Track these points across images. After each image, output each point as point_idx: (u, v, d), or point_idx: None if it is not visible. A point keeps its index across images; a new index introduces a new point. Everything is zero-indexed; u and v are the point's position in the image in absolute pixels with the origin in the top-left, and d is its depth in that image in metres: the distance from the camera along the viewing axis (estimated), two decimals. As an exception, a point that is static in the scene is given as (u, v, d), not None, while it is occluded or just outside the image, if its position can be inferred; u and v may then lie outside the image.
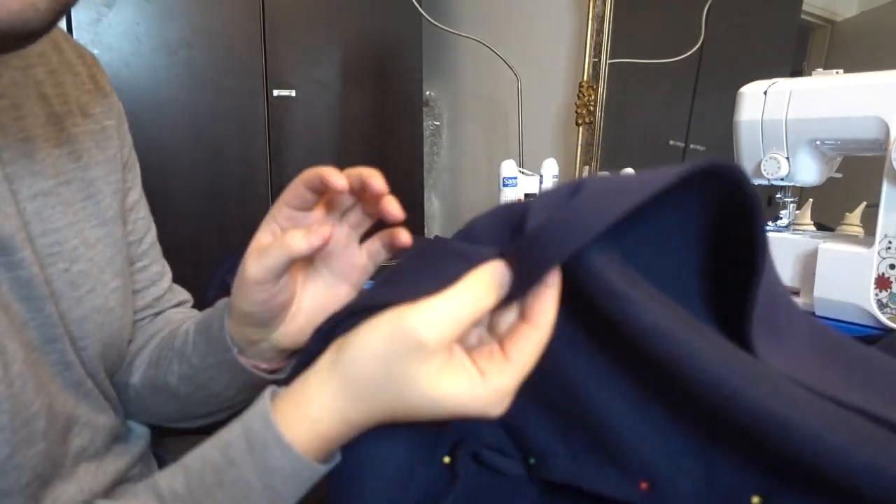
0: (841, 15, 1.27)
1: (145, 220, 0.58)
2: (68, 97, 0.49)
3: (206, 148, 1.43)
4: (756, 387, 0.25)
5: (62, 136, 0.48)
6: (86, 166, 0.49)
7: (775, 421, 0.24)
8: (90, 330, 0.47)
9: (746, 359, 0.26)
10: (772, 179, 0.74)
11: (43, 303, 0.43)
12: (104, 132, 0.52)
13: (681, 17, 1.46)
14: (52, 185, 0.45)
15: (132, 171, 0.57)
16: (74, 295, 0.46)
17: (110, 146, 0.52)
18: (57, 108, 0.48)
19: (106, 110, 0.53)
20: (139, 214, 0.57)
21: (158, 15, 1.33)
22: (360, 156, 1.69)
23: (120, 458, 0.51)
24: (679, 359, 0.26)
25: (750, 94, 0.74)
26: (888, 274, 0.61)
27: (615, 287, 0.28)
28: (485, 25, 1.84)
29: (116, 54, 1.29)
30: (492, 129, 1.92)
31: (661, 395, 0.30)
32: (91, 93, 0.52)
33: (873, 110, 0.63)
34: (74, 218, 0.47)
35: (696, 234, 0.31)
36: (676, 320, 0.27)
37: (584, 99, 1.55)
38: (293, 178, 0.43)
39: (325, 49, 1.60)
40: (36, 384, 0.40)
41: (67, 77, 0.50)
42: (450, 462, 0.35)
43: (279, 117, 1.52)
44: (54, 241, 0.45)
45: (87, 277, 0.47)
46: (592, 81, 1.54)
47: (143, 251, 0.57)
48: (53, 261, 0.44)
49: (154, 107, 1.35)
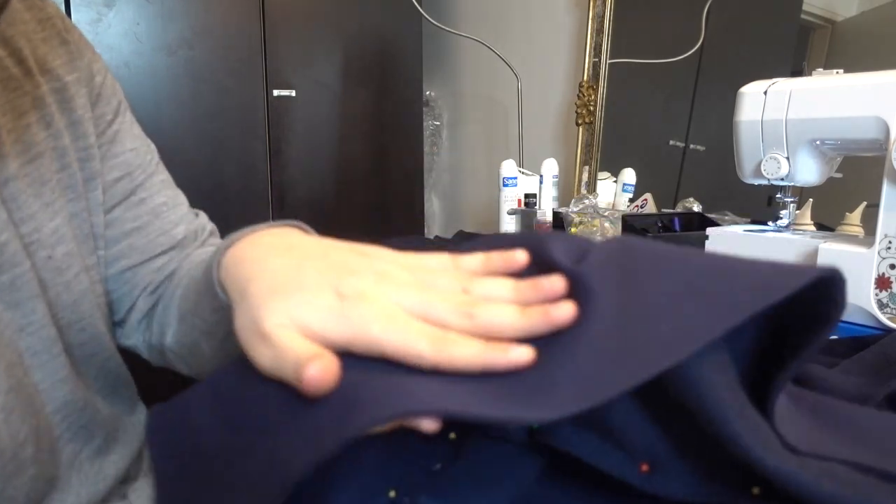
0: (841, 15, 1.27)
1: (136, 152, 0.52)
2: (22, 53, 0.43)
3: (206, 148, 1.43)
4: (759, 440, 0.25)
5: (26, 101, 0.42)
6: (58, 132, 0.44)
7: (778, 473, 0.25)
8: (86, 310, 0.45)
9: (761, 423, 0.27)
10: (772, 179, 0.74)
11: (35, 303, 0.40)
12: (66, 90, 0.46)
13: (681, 17, 1.46)
14: (19, 164, 0.41)
15: (111, 102, 0.50)
16: (62, 280, 0.43)
17: (76, 107, 0.46)
18: (12, 70, 0.42)
19: (65, 62, 0.47)
20: (124, 146, 0.51)
21: (158, 15, 1.33)
22: (360, 156, 1.69)
23: (119, 458, 0.49)
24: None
25: (750, 94, 0.74)
26: (888, 274, 0.61)
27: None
28: (485, 25, 1.84)
29: (116, 54, 1.29)
30: (492, 129, 1.92)
31: (676, 418, 0.30)
32: (47, 41, 0.45)
33: (873, 110, 0.63)
34: (51, 196, 0.43)
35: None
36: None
37: (584, 99, 1.55)
38: (293, 179, 0.43)
39: (325, 49, 1.60)
40: (21, 409, 0.38)
41: (17, 28, 0.44)
42: (456, 437, 0.34)
43: (279, 117, 1.52)
44: (32, 228, 0.41)
45: (73, 259, 0.44)
46: (592, 81, 1.54)
47: (138, 184, 0.51)
48: (34, 250, 0.41)
49: (154, 107, 1.35)
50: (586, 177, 1.56)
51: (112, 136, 0.50)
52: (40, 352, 0.42)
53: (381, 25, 1.69)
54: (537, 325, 0.28)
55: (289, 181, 1.54)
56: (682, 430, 0.29)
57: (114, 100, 0.51)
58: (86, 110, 0.47)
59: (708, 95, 1.46)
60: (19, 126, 0.41)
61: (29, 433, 0.38)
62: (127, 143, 0.52)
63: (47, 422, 0.42)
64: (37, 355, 0.41)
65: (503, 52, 1.60)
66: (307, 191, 1.58)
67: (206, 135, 1.42)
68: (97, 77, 0.50)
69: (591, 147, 1.56)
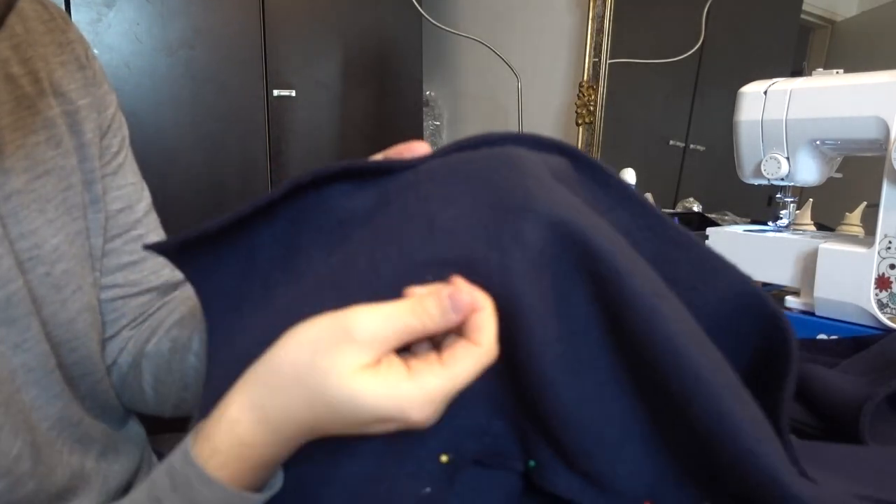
0: (841, 15, 1.27)
1: (136, 187, 0.54)
2: (38, 74, 0.44)
3: (207, 148, 1.43)
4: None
5: (37, 120, 0.43)
6: (66, 152, 0.45)
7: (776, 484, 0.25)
8: (81, 329, 0.45)
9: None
10: (772, 179, 0.74)
11: (29, 320, 0.40)
12: (77, 114, 0.47)
13: (681, 17, 1.46)
14: (25, 180, 0.41)
15: (117, 135, 0.52)
16: (59, 298, 0.43)
17: (85, 130, 0.48)
18: (27, 90, 0.43)
19: (80, 86, 0.48)
20: (126, 180, 0.52)
21: (159, 15, 1.33)
22: (361, 156, 1.69)
23: (122, 469, 0.50)
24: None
25: (750, 94, 0.74)
26: (888, 274, 0.61)
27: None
28: (485, 25, 1.85)
29: (117, 54, 1.29)
30: (492, 129, 1.92)
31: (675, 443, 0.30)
32: (65, 64, 0.47)
33: (873, 110, 0.63)
34: (54, 214, 0.43)
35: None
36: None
37: (584, 99, 1.55)
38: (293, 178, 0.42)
39: (326, 49, 1.60)
40: (13, 425, 0.38)
41: (36, 50, 0.45)
42: (448, 461, 0.35)
43: (279, 117, 1.52)
44: (33, 244, 0.41)
45: (71, 277, 0.44)
46: (592, 81, 1.54)
47: (137, 219, 0.53)
48: (33, 266, 0.41)
49: (154, 107, 1.35)
50: (586, 177, 1.56)
51: (116, 168, 0.52)
52: (35, 368, 0.42)
53: (381, 25, 1.69)
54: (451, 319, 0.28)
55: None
56: (684, 482, 0.30)
57: (120, 134, 0.53)
58: (95, 135, 0.49)
59: (708, 95, 1.46)
60: (29, 143, 0.42)
61: (23, 448, 0.38)
62: (129, 177, 0.53)
63: (45, 437, 0.42)
64: (32, 372, 0.41)
65: (503, 52, 1.60)
66: (307, 191, 1.58)
67: (207, 135, 1.42)
68: (109, 109, 0.51)
69: (591, 147, 1.56)
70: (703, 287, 0.32)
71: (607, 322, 0.30)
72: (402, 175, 0.35)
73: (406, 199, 0.33)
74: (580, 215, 0.30)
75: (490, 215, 0.30)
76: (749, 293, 0.31)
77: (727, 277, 0.32)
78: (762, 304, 0.31)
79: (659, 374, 0.28)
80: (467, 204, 0.31)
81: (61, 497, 0.43)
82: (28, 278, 0.41)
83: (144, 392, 0.52)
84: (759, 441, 0.26)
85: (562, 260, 0.30)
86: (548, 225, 0.29)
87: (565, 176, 0.34)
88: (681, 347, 0.27)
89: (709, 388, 0.27)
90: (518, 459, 0.34)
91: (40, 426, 0.42)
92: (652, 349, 0.28)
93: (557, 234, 0.29)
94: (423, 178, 0.33)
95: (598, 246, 0.29)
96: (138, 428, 0.57)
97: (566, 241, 0.29)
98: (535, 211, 0.29)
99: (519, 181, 0.30)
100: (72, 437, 0.45)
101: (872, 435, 0.41)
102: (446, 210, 0.31)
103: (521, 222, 0.29)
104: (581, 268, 0.30)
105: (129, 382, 0.53)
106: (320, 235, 0.35)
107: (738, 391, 0.28)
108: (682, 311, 0.29)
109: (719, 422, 0.26)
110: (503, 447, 0.34)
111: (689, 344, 0.28)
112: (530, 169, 0.31)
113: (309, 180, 0.35)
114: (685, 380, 0.27)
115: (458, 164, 0.33)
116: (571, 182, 0.34)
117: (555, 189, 0.31)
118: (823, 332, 0.65)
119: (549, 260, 0.30)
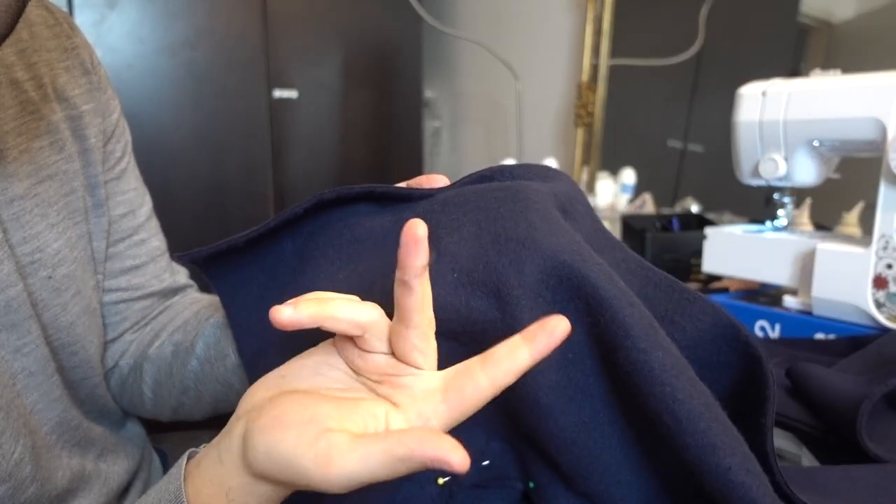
0: (839, 17, 1.27)
1: (138, 192, 0.54)
2: (42, 79, 0.44)
3: (208, 149, 1.43)
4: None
5: (41, 125, 0.43)
6: (69, 157, 0.46)
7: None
8: (80, 333, 0.45)
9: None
10: (770, 180, 0.74)
11: (29, 324, 0.40)
12: (81, 119, 0.47)
13: (680, 17, 1.46)
14: (28, 185, 0.42)
15: (120, 141, 0.52)
16: (59, 301, 0.43)
17: (89, 135, 0.48)
18: (31, 94, 0.43)
19: (84, 91, 0.48)
20: (129, 185, 0.53)
21: (161, 16, 1.33)
22: (361, 156, 1.70)
23: (122, 470, 0.50)
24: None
25: (748, 94, 0.74)
26: (885, 273, 0.61)
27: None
28: (484, 26, 1.85)
29: (119, 55, 1.30)
30: (492, 130, 1.93)
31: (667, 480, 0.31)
32: (69, 70, 0.47)
33: (871, 111, 0.63)
34: (56, 218, 0.44)
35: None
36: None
37: (583, 99, 1.55)
38: (295, 179, 0.43)
39: (326, 50, 1.60)
40: (14, 429, 0.38)
41: (41, 55, 0.45)
42: (444, 484, 0.35)
43: (281, 118, 1.52)
44: (35, 248, 0.41)
45: (72, 281, 0.44)
46: (592, 82, 1.55)
47: (140, 224, 0.54)
48: (34, 269, 0.41)
49: (156, 108, 1.35)
50: (585, 177, 1.57)
51: (119, 174, 0.52)
52: (36, 372, 0.42)
53: (381, 27, 1.70)
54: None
55: (290, 181, 1.55)
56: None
57: (123, 139, 0.53)
58: (98, 140, 0.49)
59: (706, 96, 1.46)
60: (32, 148, 0.42)
61: (24, 453, 0.38)
62: (131, 182, 0.54)
63: (45, 441, 0.42)
64: (32, 376, 0.42)
65: (503, 53, 1.61)
66: (308, 191, 1.58)
67: (208, 135, 1.43)
68: (113, 115, 0.52)
69: (590, 147, 1.57)
70: (680, 319, 0.33)
71: (600, 350, 0.31)
72: (419, 203, 0.36)
73: None
74: (578, 248, 0.31)
75: (492, 244, 0.31)
76: (723, 323, 0.32)
77: (701, 308, 0.33)
78: (736, 332, 0.32)
79: (649, 407, 0.29)
80: (472, 233, 0.32)
81: (62, 499, 0.43)
82: (29, 282, 0.41)
83: (143, 395, 0.53)
84: (748, 472, 0.27)
85: (558, 290, 0.31)
86: (546, 256, 0.31)
87: (571, 207, 0.35)
88: (673, 380, 0.28)
89: (698, 425, 0.27)
90: (518, 480, 0.35)
91: (40, 430, 0.42)
92: (645, 387, 0.29)
93: (555, 265, 0.31)
94: (436, 208, 0.35)
95: (595, 279, 0.30)
96: (138, 428, 0.57)
97: (562, 272, 0.31)
98: (535, 242, 0.31)
99: (522, 215, 0.32)
100: (71, 440, 0.46)
101: (870, 434, 0.41)
102: (451, 235, 0.32)
103: (521, 252, 0.30)
104: (576, 298, 0.31)
105: (129, 386, 0.54)
106: (333, 251, 0.37)
107: (727, 426, 0.28)
108: (671, 344, 0.30)
109: (713, 454, 0.27)
110: (502, 469, 0.35)
111: (680, 378, 0.28)
112: (535, 203, 0.33)
113: (334, 198, 0.36)
114: (677, 414, 0.28)
115: (468, 196, 0.35)
116: (577, 214, 0.36)
117: (556, 222, 0.32)
118: (821, 331, 0.65)
119: (544, 289, 0.31)
